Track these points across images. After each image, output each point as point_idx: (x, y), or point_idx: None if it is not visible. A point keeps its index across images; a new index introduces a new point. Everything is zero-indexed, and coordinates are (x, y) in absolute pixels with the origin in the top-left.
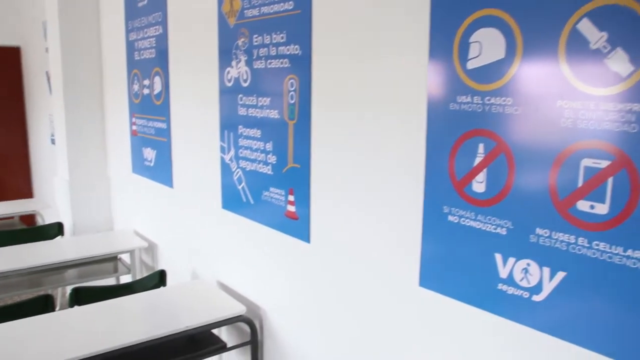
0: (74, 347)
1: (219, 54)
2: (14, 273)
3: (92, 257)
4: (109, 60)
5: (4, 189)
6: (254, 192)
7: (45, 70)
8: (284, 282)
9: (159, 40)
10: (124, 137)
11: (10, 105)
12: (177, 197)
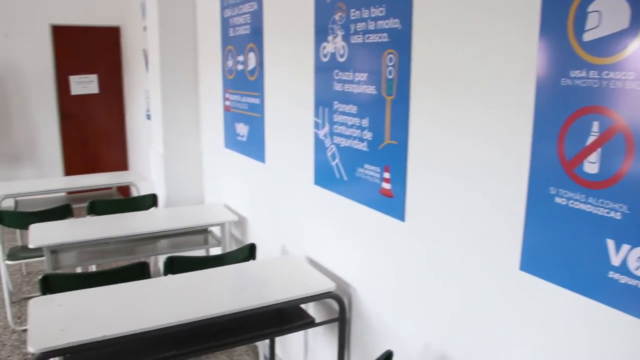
0: (167, 314)
1: (314, 29)
2: (112, 240)
3: (184, 228)
4: (204, 38)
5: (102, 161)
6: (347, 168)
7: (142, 48)
8: (376, 260)
9: (253, 16)
10: (217, 112)
11: (110, 82)
12: (268, 172)
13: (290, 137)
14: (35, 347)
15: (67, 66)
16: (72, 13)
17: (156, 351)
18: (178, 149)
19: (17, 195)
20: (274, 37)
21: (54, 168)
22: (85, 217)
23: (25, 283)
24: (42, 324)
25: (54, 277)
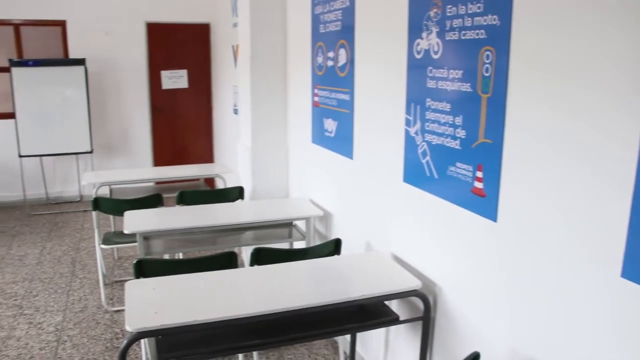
0: (253, 303)
1: (408, 26)
2: (199, 230)
3: (269, 221)
4: (294, 34)
5: (189, 153)
6: (438, 166)
7: (231, 44)
8: (464, 261)
9: (345, 12)
10: (305, 108)
11: (199, 77)
12: (356, 168)
13: (379, 133)
14: (133, 327)
15: (159, 62)
16: (166, 11)
17: (241, 339)
18: (265, 143)
19: (113, 183)
20: (365, 33)
21: (144, 159)
22: (175, 207)
23: (116, 267)
24: (137, 306)
25: (147, 261)
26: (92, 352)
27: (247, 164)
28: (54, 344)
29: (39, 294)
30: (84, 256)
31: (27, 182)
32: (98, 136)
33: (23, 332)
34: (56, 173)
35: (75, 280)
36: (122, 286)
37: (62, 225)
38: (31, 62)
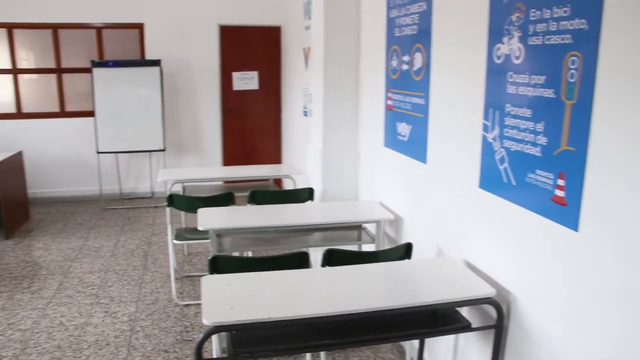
0: (324, 304)
1: (488, 30)
2: (269, 229)
3: (339, 223)
4: (367, 37)
5: (257, 154)
6: (517, 173)
7: (302, 47)
8: (541, 270)
9: (422, 16)
10: (378, 111)
11: (269, 79)
12: (429, 173)
13: (455, 138)
14: (210, 321)
15: (231, 63)
16: (239, 14)
17: (310, 338)
18: (336, 145)
19: (186, 181)
20: (442, 37)
21: (214, 158)
22: (246, 206)
23: (186, 262)
24: (213, 301)
25: (221, 258)
26: (163, 343)
27: (317, 165)
28: (127, 333)
29: (114, 285)
30: (155, 250)
31: (103, 177)
32: (170, 135)
33: (99, 320)
34: (130, 169)
35: (147, 273)
36: (191, 281)
37: (135, 220)
38: (111, 62)
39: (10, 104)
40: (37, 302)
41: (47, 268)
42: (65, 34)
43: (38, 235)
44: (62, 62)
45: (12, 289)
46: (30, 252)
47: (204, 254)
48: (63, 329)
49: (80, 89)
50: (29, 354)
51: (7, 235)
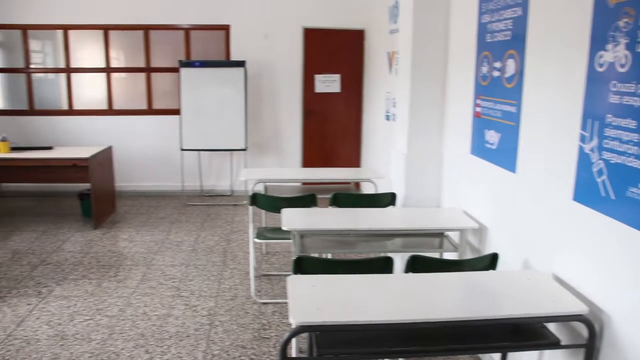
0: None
1: (590, 36)
2: (351, 232)
3: (422, 230)
4: (456, 42)
5: (337, 157)
6: (617, 187)
7: (386, 51)
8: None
9: (516, 22)
10: (465, 118)
11: (351, 82)
12: (518, 182)
13: (547, 148)
14: (296, 320)
15: (314, 66)
16: (323, 17)
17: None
18: (420, 151)
19: (269, 181)
20: (538, 43)
21: (293, 159)
22: (328, 208)
23: (264, 261)
24: (299, 300)
25: (305, 259)
26: (241, 339)
27: (400, 170)
28: (207, 327)
29: (194, 279)
30: (234, 248)
31: (186, 174)
32: (252, 135)
33: (180, 312)
34: (211, 167)
35: (226, 269)
36: (269, 280)
37: (214, 217)
38: (197, 63)
39: (102, 101)
40: (122, 290)
41: (131, 259)
42: (154, 35)
43: (123, 227)
44: (151, 61)
45: (100, 277)
46: (116, 242)
47: (281, 253)
48: (146, 318)
49: (167, 88)
50: (115, 339)
51: (95, 225)
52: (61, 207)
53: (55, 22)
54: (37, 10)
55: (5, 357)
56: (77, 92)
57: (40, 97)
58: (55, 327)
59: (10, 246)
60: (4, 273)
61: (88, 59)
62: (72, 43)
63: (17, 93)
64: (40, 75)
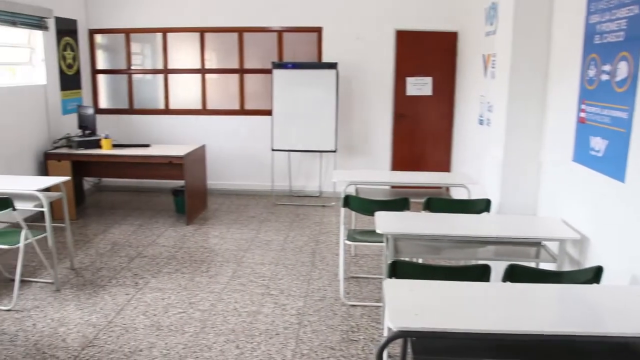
0: (504, 321)
1: None
2: (444, 238)
3: (518, 238)
4: (559, 44)
5: (426, 160)
6: None
7: (481, 53)
8: None
9: (631, 21)
10: (568, 123)
11: (442, 85)
12: (628, 192)
13: None
14: (395, 325)
15: (405, 68)
16: (416, 19)
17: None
18: (517, 157)
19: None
20: None
21: (383, 161)
22: (420, 212)
23: (352, 263)
24: (397, 305)
25: (400, 263)
26: (329, 340)
27: (495, 176)
28: (296, 326)
29: (283, 278)
30: (323, 249)
31: (275, 174)
32: (342, 136)
33: (270, 310)
34: (301, 168)
35: (314, 270)
36: (357, 282)
37: (303, 217)
38: (290, 64)
39: (197, 101)
40: (213, 286)
41: (222, 255)
42: (248, 37)
43: (214, 224)
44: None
45: (192, 271)
46: (208, 239)
47: (370, 256)
48: (237, 315)
49: (259, 89)
50: (207, 332)
51: (188, 221)
52: (156, 203)
53: (156, 25)
54: (139, 15)
55: (107, 342)
56: (173, 93)
57: (139, 97)
58: (151, 317)
59: (110, 238)
60: (104, 263)
61: (184, 60)
62: (170, 45)
63: (119, 93)
64: (140, 76)
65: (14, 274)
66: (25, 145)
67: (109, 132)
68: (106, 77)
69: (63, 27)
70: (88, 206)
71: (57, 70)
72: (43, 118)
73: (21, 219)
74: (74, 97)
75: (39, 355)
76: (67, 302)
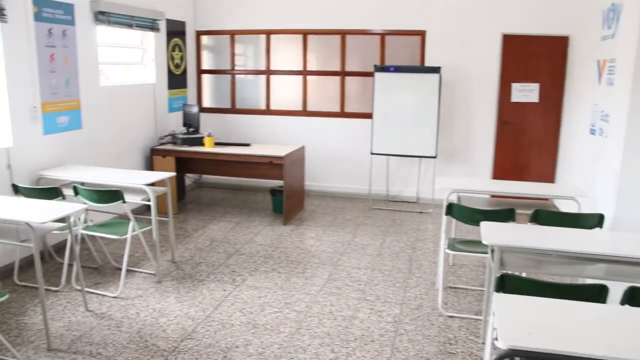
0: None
1: None
2: (553, 253)
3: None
4: None
5: (529, 170)
6: None
7: (596, 59)
8: None
9: None
10: None
11: (550, 92)
12: None
13: None
14: (506, 343)
15: (511, 74)
16: (523, 23)
17: None
18: (636, 171)
19: (466, 191)
20: None
21: (484, 169)
22: (527, 224)
23: (450, 273)
24: (508, 322)
25: (509, 277)
26: (425, 350)
27: (610, 190)
28: (391, 334)
29: (379, 284)
30: (420, 256)
31: (373, 178)
32: (442, 142)
33: (365, 316)
34: (399, 173)
35: (411, 277)
36: (455, 292)
37: (400, 223)
38: (392, 68)
39: (297, 102)
40: (309, 287)
41: (318, 257)
42: (349, 39)
43: (311, 225)
44: (346, 65)
45: (288, 272)
46: (304, 240)
47: (468, 266)
48: (332, 318)
49: (359, 92)
50: (302, 334)
51: (285, 221)
52: (253, 201)
53: (260, 27)
54: (245, 17)
55: (205, 336)
56: (274, 93)
57: (241, 97)
58: (247, 314)
59: (209, 234)
60: (203, 258)
61: (286, 61)
62: (273, 47)
63: (222, 93)
64: (242, 76)
65: (120, 263)
66: (134, 141)
67: (211, 130)
68: (210, 76)
69: (173, 29)
70: (188, 201)
71: (165, 70)
72: (151, 115)
73: (129, 210)
74: (179, 95)
75: (142, 342)
76: (167, 293)
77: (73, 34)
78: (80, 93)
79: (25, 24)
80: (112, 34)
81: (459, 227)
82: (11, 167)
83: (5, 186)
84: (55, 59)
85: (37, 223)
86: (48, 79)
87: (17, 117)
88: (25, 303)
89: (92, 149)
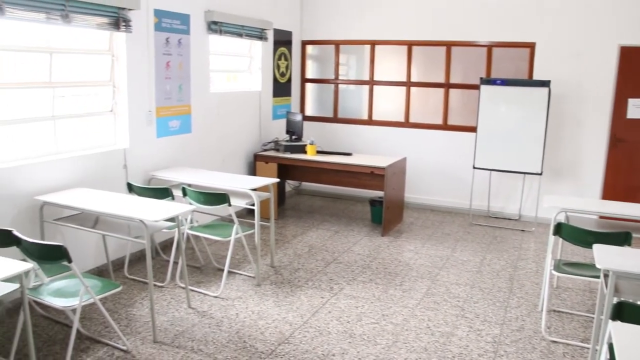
0: None
1: None
2: None
3: None
4: None
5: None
6: None
7: None
8: None
9: None
10: None
11: None
12: None
13: None
14: None
15: (628, 88)
16: None
17: None
18: None
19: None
20: None
21: (592, 188)
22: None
23: (554, 296)
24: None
25: (628, 305)
26: None
27: None
28: (491, 355)
29: (479, 302)
30: (521, 276)
31: (475, 193)
32: (548, 159)
33: (464, 334)
34: (500, 189)
35: (512, 297)
36: (559, 316)
37: (501, 240)
38: (499, 81)
39: (399, 113)
40: (407, 301)
41: (416, 270)
42: (454, 50)
43: (409, 238)
44: (450, 77)
45: (386, 283)
46: (402, 252)
47: (573, 290)
48: (429, 333)
49: (462, 105)
50: (399, 347)
51: (383, 232)
52: (352, 211)
53: (365, 37)
54: (350, 28)
55: (302, 341)
56: (376, 104)
57: (343, 106)
58: (344, 323)
59: (307, 240)
60: (302, 264)
61: (389, 72)
62: (377, 57)
63: (325, 102)
64: (344, 86)
65: (221, 263)
66: (239, 146)
67: (314, 138)
68: (314, 85)
69: (280, 38)
70: (288, 208)
71: (271, 78)
72: (256, 122)
73: (234, 213)
74: (283, 103)
75: (240, 343)
76: (266, 297)
77: (188, 42)
78: (191, 99)
79: (147, 33)
80: (222, 42)
81: (566, 249)
82: (127, 167)
83: (121, 185)
84: (170, 66)
85: (150, 221)
86: (163, 84)
87: (134, 120)
88: (134, 295)
89: (200, 153)
